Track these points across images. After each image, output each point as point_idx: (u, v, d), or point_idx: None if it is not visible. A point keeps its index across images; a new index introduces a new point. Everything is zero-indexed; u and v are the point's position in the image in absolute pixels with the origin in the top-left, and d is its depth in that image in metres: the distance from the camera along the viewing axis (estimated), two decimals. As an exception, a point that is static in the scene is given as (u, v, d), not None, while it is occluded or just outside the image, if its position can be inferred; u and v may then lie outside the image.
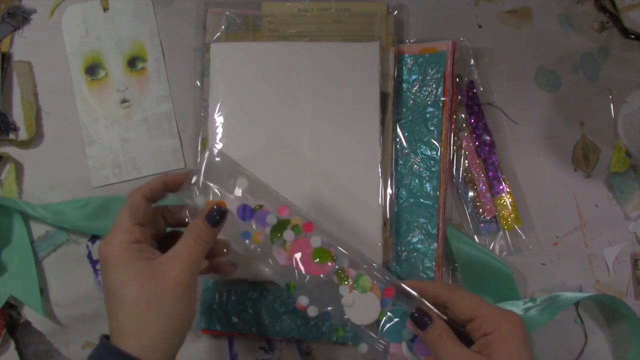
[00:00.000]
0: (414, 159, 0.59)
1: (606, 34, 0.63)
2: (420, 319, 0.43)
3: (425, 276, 0.57)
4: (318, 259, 0.46)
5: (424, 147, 0.59)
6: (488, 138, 0.60)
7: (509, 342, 0.40)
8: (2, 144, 0.60)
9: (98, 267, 0.59)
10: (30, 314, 0.58)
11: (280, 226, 0.46)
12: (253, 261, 0.47)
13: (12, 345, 0.57)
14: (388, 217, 0.57)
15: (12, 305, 0.58)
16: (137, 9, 0.62)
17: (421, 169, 0.59)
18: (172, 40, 0.62)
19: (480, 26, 0.63)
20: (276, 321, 0.57)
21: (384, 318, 0.46)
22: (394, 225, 0.58)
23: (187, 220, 0.46)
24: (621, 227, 0.61)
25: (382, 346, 0.46)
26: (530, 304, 0.56)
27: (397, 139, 0.59)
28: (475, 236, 0.59)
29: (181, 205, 0.47)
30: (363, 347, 0.46)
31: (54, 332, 0.58)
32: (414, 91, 0.60)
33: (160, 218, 0.46)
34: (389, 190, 0.57)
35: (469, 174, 0.60)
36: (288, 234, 0.46)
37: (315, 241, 0.46)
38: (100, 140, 0.60)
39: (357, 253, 0.47)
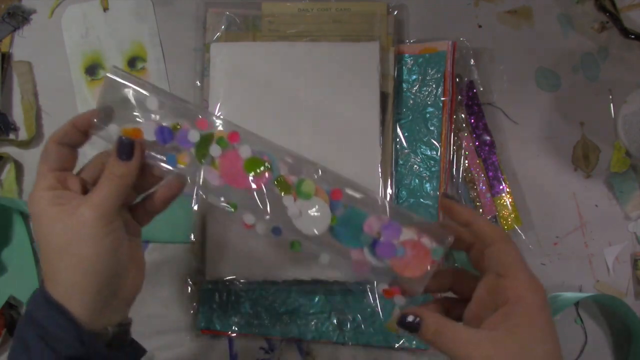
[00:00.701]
0: (414, 159, 0.59)
1: (606, 34, 0.63)
2: (409, 324, 0.38)
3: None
4: (252, 172, 0.40)
5: (424, 147, 0.59)
6: (488, 138, 0.60)
7: (535, 318, 0.36)
8: (2, 144, 0.60)
9: (98, 267, 0.58)
10: (30, 314, 0.58)
11: (204, 142, 0.40)
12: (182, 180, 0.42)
13: (12, 345, 0.57)
14: (388, 217, 0.57)
15: (12, 305, 0.58)
16: (137, 9, 0.62)
17: (421, 169, 0.59)
18: (172, 40, 0.62)
19: (480, 26, 0.63)
20: (276, 321, 0.57)
21: (337, 224, 0.40)
22: (394, 225, 0.58)
23: None
24: (621, 227, 0.61)
25: (342, 254, 0.41)
26: (530, 304, 0.56)
27: (397, 139, 0.59)
28: (475, 236, 0.59)
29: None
30: (324, 258, 0.41)
31: (54, 332, 0.58)
32: (414, 91, 0.60)
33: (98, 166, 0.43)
34: (389, 190, 0.57)
35: (469, 174, 0.60)
36: (214, 149, 0.40)
37: (245, 151, 0.40)
38: (100, 140, 0.60)
39: (298, 156, 0.41)
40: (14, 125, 0.60)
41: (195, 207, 0.58)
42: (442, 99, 0.59)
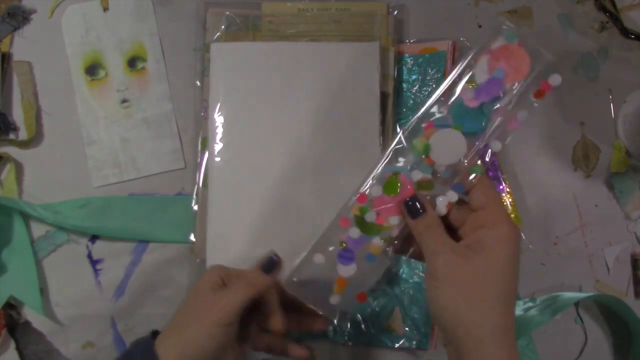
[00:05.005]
0: (414, 159, 0.59)
1: (606, 34, 0.63)
2: (413, 207, 0.42)
3: (424, 275, 0.57)
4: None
5: (424, 147, 0.59)
6: (488, 138, 0.60)
7: (502, 245, 0.39)
8: (2, 144, 0.60)
9: (98, 267, 0.59)
10: (30, 314, 0.58)
11: (369, 226, 0.45)
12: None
13: (12, 345, 0.57)
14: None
15: (12, 305, 0.58)
16: (137, 9, 0.62)
17: (421, 169, 0.58)
18: (172, 40, 0.62)
19: (480, 26, 0.63)
20: (276, 321, 0.57)
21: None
22: (394, 225, 0.58)
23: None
24: (621, 227, 0.61)
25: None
26: (530, 304, 0.56)
27: (397, 139, 0.59)
28: (475, 236, 0.59)
29: None
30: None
31: (54, 332, 0.58)
32: (414, 91, 0.60)
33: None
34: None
35: (469, 174, 0.60)
36: (370, 216, 0.44)
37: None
38: (100, 140, 0.60)
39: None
40: (14, 125, 0.60)
41: (195, 207, 0.58)
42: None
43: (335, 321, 0.49)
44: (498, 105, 0.43)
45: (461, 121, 0.43)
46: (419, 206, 0.42)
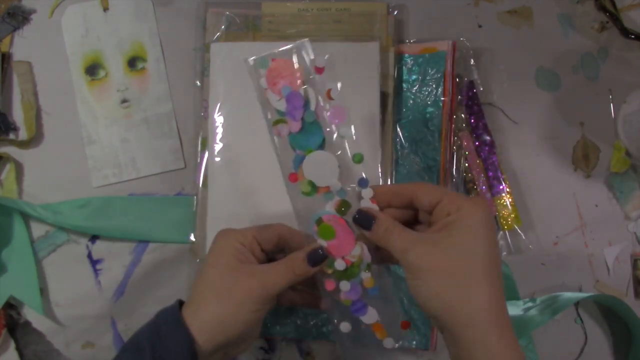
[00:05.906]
0: (414, 159, 0.59)
1: (606, 34, 0.63)
2: (363, 220, 0.42)
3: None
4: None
5: (424, 147, 0.59)
6: (488, 138, 0.60)
7: (471, 220, 0.39)
8: (2, 144, 0.60)
9: (98, 267, 0.59)
10: (30, 314, 0.58)
11: (348, 272, 0.45)
12: None
13: (12, 345, 0.57)
14: None
15: (12, 305, 0.58)
16: (137, 9, 0.62)
17: (421, 169, 0.59)
18: (172, 40, 0.62)
19: (480, 26, 0.63)
20: (276, 321, 0.57)
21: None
22: (394, 225, 0.58)
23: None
24: (621, 227, 0.61)
25: None
26: (530, 304, 0.56)
27: (397, 139, 0.59)
28: (475, 236, 0.59)
29: None
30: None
31: (54, 332, 0.58)
32: (414, 91, 0.60)
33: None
34: (389, 190, 0.57)
35: (469, 174, 0.60)
36: (339, 264, 0.45)
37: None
38: (100, 140, 0.60)
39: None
40: (14, 125, 0.60)
41: (195, 207, 0.58)
42: (442, 99, 0.59)
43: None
44: (314, 107, 0.44)
45: (306, 144, 0.45)
46: (367, 216, 0.42)
